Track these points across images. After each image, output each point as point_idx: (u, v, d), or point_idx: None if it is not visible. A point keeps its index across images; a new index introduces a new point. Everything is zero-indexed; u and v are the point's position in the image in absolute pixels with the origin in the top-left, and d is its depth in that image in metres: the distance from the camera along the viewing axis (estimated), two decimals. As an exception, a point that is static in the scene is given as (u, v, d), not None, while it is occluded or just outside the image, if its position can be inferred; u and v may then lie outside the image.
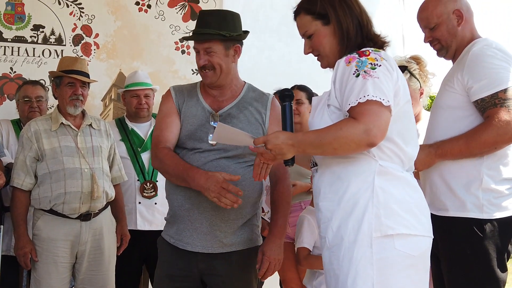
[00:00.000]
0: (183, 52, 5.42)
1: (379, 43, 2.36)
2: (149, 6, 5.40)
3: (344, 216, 2.21)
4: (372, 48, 2.26)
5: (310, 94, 4.11)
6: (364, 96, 2.11)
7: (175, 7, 5.47)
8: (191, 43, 5.18)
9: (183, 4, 5.48)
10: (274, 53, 5.70)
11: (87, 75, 3.86)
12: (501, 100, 2.60)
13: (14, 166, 3.70)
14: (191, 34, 3.05)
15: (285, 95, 2.36)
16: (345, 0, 2.35)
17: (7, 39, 5.06)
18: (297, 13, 2.43)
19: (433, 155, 2.76)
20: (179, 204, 2.91)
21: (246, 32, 3.01)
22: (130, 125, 4.49)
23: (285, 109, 2.34)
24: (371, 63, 2.18)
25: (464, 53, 2.79)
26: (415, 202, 2.25)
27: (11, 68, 5.06)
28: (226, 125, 2.32)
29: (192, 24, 5.43)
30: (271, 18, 5.69)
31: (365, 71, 2.15)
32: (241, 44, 2.98)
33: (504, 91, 2.61)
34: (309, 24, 2.38)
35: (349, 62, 2.21)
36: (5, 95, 5.03)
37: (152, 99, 4.58)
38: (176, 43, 5.43)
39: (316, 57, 2.44)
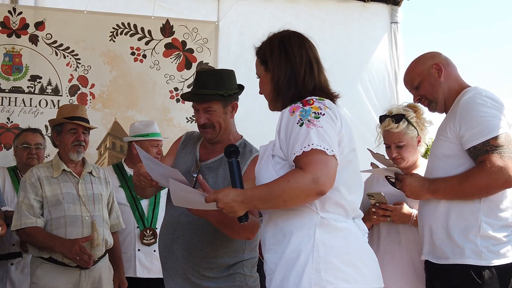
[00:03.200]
0: (177, 100, 5.47)
1: (327, 96, 2.33)
2: (144, 56, 5.48)
3: (287, 269, 2.18)
4: (316, 97, 2.25)
5: None
6: (309, 145, 2.09)
7: (170, 57, 5.54)
8: (185, 90, 5.29)
9: (178, 53, 5.56)
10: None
11: (88, 122, 3.90)
12: (493, 147, 2.64)
13: (18, 210, 3.64)
14: (190, 93, 3.14)
15: (230, 151, 2.32)
16: (287, 50, 2.36)
17: (5, 89, 5.11)
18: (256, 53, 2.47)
19: (426, 188, 2.81)
20: (160, 252, 3.09)
21: (242, 87, 3.13)
22: (129, 171, 4.50)
23: (232, 165, 2.30)
24: (314, 112, 2.17)
25: (456, 103, 2.86)
26: (357, 253, 2.21)
27: (8, 118, 5.09)
28: (178, 183, 2.28)
29: (186, 73, 5.52)
30: (264, 67, 5.76)
31: (308, 120, 2.14)
32: (237, 99, 3.10)
33: (495, 138, 2.65)
34: (258, 66, 2.44)
35: (293, 111, 2.21)
36: (2, 145, 5.05)
37: None
38: (171, 91, 5.49)
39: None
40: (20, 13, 5.19)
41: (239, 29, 5.75)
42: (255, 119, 5.61)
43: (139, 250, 4.28)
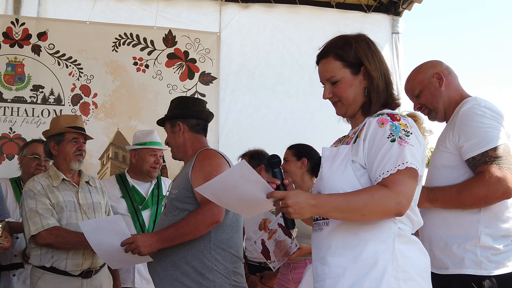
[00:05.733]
0: (180, 110, 5.48)
1: (396, 105, 2.33)
2: (147, 66, 5.51)
3: (360, 275, 2.13)
4: (399, 113, 2.22)
5: (297, 150, 4.10)
6: (403, 163, 2.08)
7: (173, 67, 5.57)
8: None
9: (180, 64, 5.58)
10: (270, 111, 5.78)
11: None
12: (491, 158, 2.64)
13: (34, 214, 3.56)
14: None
15: (273, 163, 2.30)
16: (377, 55, 2.32)
17: (7, 99, 5.14)
18: (325, 56, 2.34)
19: (424, 197, 2.80)
20: None
21: (188, 109, 3.37)
22: (131, 181, 4.49)
23: (276, 175, 2.26)
24: (404, 130, 2.14)
25: (455, 113, 2.86)
26: (425, 266, 2.22)
27: (11, 128, 5.11)
28: (248, 166, 2.14)
29: (189, 83, 5.55)
30: (267, 77, 5.81)
31: (400, 137, 2.11)
32: (184, 120, 3.33)
33: (494, 149, 2.65)
34: (337, 70, 2.30)
35: (382, 123, 2.16)
36: (4, 155, 5.06)
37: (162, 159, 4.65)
38: (173, 102, 5.51)
39: (333, 103, 2.37)
40: (23, 24, 5.24)
41: (240, 39, 5.80)
42: (257, 129, 5.65)
43: (137, 260, 4.26)
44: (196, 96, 5.53)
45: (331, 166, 2.26)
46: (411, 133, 2.14)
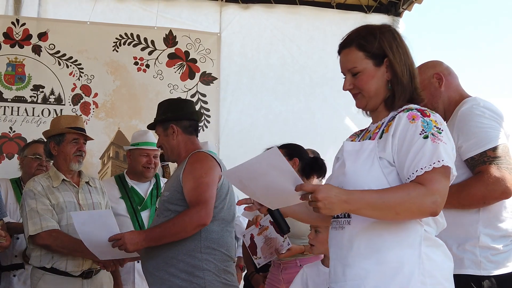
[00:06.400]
0: (180, 110, 5.49)
1: (421, 100, 2.26)
2: (147, 66, 5.52)
3: (386, 278, 2.05)
4: (427, 109, 2.15)
5: (289, 150, 4.08)
6: (439, 161, 2.00)
7: (173, 67, 5.58)
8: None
9: (181, 63, 5.59)
10: (271, 112, 5.79)
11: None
12: (490, 158, 2.64)
13: (33, 215, 3.54)
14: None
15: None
16: (402, 47, 2.23)
17: (7, 99, 5.14)
18: (347, 46, 2.25)
19: None
20: None
21: (179, 113, 3.39)
22: (130, 182, 4.48)
23: (275, 216, 2.23)
24: (435, 126, 2.06)
25: (454, 113, 2.86)
26: (450, 270, 2.15)
27: (11, 128, 5.12)
28: (280, 154, 1.98)
29: (190, 83, 5.56)
30: (268, 77, 5.82)
31: (433, 134, 2.04)
32: (177, 122, 3.36)
33: (493, 149, 2.65)
34: (359, 61, 2.21)
35: (413, 119, 2.08)
36: (4, 154, 5.07)
37: (158, 159, 4.59)
38: (174, 101, 5.51)
39: (354, 95, 2.28)
40: (23, 24, 5.24)
41: (241, 40, 5.82)
42: (258, 129, 5.66)
43: (138, 262, 4.16)
44: (197, 96, 5.55)
45: (355, 162, 2.16)
46: (443, 130, 2.07)
